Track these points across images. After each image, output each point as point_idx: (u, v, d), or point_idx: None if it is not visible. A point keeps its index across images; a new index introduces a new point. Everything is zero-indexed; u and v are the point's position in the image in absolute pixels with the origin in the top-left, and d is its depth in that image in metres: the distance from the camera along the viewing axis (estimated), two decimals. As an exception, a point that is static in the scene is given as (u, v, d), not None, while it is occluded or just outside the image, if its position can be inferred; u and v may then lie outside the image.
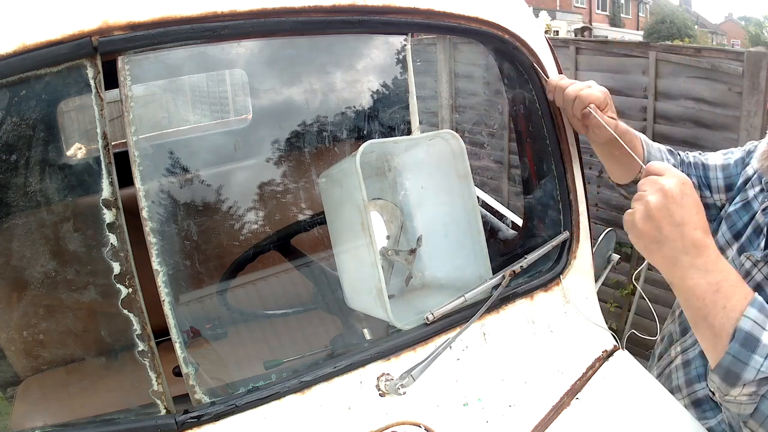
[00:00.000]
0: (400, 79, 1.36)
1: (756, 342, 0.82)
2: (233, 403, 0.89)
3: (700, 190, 1.36)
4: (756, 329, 0.82)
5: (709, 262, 0.84)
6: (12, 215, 1.18)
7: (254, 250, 1.57)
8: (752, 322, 0.82)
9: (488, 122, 5.58)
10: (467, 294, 1.07)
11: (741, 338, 0.82)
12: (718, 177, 1.33)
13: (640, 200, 0.87)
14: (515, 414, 1.00)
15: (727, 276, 0.85)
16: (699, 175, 1.35)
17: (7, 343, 1.52)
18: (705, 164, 1.34)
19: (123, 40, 0.82)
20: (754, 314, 0.83)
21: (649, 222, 0.85)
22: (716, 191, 1.35)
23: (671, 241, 0.84)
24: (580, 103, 1.11)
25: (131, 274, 0.85)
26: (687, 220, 0.84)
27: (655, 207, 0.84)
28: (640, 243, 0.89)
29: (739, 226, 1.24)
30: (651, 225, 0.85)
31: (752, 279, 1.15)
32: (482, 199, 1.91)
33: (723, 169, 1.33)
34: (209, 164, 1.88)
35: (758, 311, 0.83)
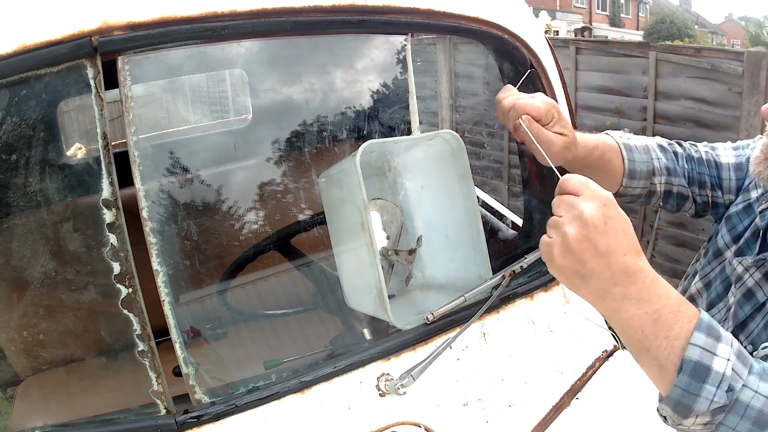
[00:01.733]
0: (400, 79, 1.36)
1: (706, 371, 0.74)
2: (233, 403, 0.89)
3: (713, 190, 1.27)
4: (705, 356, 0.74)
5: (643, 290, 0.75)
6: (12, 215, 1.18)
7: (254, 250, 1.57)
8: (700, 349, 0.74)
9: (488, 122, 5.58)
10: (467, 294, 1.07)
11: (689, 369, 0.74)
12: (732, 178, 1.24)
13: (556, 229, 0.76)
14: (515, 414, 1.00)
15: (666, 301, 0.75)
16: (712, 174, 1.26)
17: (7, 343, 1.52)
18: (718, 163, 1.25)
19: (123, 40, 0.82)
20: (701, 340, 0.74)
21: (569, 256, 0.75)
22: (728, 192, 1.26)
23: (597, 274, 0.74)
24: (514, 113, 1.00)
25: (131, 274, 0.85)
26: (613, 248, 0.74)
27: (574, 239, 0.74)
28: (562, 277, 0.78)
29: (739, 229, 1.21)
30: (572, 259, 0.75)
31: (743, 284, 1.12)
32: (482, 199, 1.91)
33: (736, 169, 1.24)
34: (209, 164, 1.88)
35: (706, 335, 0.74)
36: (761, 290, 1.09)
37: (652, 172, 1.22)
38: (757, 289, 1.10)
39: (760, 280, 1.09)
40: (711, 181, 1.26)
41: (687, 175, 1.26)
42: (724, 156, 1.26)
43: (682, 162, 1.27)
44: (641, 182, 1.21)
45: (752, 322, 1.07)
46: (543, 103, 1.01)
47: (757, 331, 1.06)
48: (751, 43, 23.67)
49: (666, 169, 1.24)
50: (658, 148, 1.25)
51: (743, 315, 1.08)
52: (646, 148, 1.22)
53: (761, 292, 1.09)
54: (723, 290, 1.19)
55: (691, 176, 1.27)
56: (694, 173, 1.27)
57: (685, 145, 1.29)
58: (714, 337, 0.75)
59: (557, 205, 0.78)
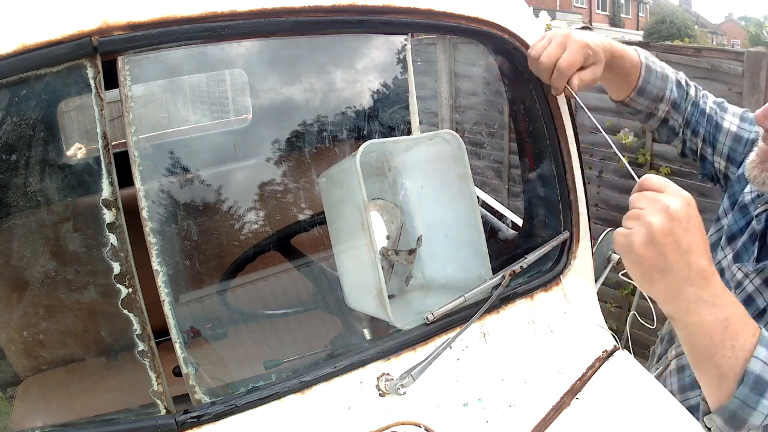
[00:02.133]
0: (400, 79, 1.36)
1: (766, 385, 0.75)
2: (233, 403, 0.89)
3: (704, 143, 1.29)
4: (766, 371, 0.75)
5: (716, 295, 0.76)
6: (12, 215, 1.18)
7: (254, 250, 1.57)
8: (762, 363, 0.75)
9: (488, 122, 5.58)
10: (467, 294, 1.07)
11: (751, 382, 0.75)
12: (726, 144, 1.26)
13: (638, 220, 0.76)
14: (515, 414, 1.00)
15: (735, 311, 0.77)
16: (708, 130, 1.28)
17: (7, 343, 1.52)
18: (719, 124, 1.27)
19: (123, 40, 0.82)
20: (764, 355, 0.75)
21: (651, 247, 0.74)
22: (718, 154, 1.28)
23: (676, 270, 0.74)
24: (559, 75, 1.04)
25: (131, 274, 0.85)
26: (693, 247, 0.74)
27: (659, 231, 0.73)
28: (639, 269, 0.77)
29: (734, 229, 1.21)
30: (654, 251, 0.74)
31: (744, 290, 1.12)
32: (482, 199, 1.91)
33: (733, 139, 1.25)
34: (209, 164, 1.88)
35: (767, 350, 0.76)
36: (761, 296, 1.09)
37: (660, 98, 1.27)
38: (757, 295, 1.10)
39: (760, 286, 1.10)
40: (705, 135, 1.29)
41: (686, 118, 1.30)
42: (728, 120, 1.27)
43: (687, 104, 1.30)
44: (646, 102, 1.27)
45: None
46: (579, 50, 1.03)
47: None
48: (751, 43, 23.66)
49: (673, 102, 1.28)
50: (676, 82, 1.29)
51: None
52: (664, 77, 1.27)
53: (761, 298, 1.09)
54: None
55: (689, 120, 1.31)
56: (693, 120, 1.30)
57: (698, 92, 1.32)
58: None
59: (638, 200, 0.77)
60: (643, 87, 1.25)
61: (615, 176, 4.56)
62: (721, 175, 1.31)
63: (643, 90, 1.26)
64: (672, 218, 0.74)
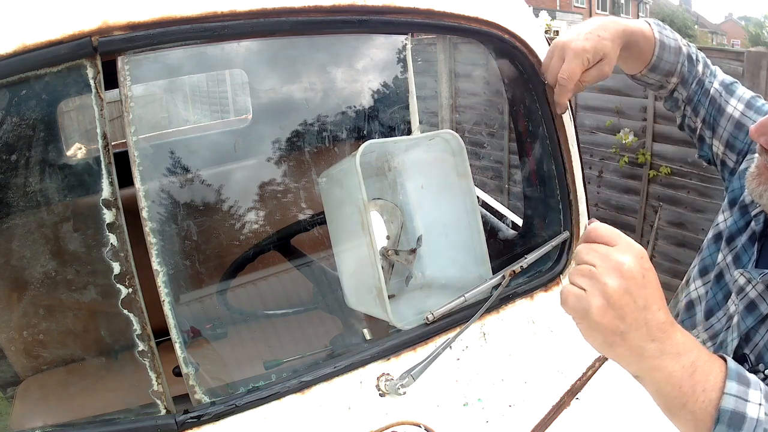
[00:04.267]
0: (400, 78, 1.36)
1: (742, 419, 0.74)
2: (233, 403, 0.89)
3: (704, 123, 1.28)
4: (739, 404, 0.74)
5: (678, 344, 0.73)
6: (12, 215, 1.18)
7: (254, 250, 1.57)
8: (734, 398, 0.74)
9: (488, 122, 5.58)
10: (467, 294, 1.07)
11: (726, 419, 0.74)
12: (726, 129, 1.24)
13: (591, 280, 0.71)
14: (515, 414, 1.00)
15: (699, 353, 0.74)
16: (710, 112, 1.27)
17: (7, 343, 1.52)
18: (721, 107, 1.25)
19: (123, 40, 0.82)
20: (735, 389, 0.74)
21: (609, 311, 0.70)
22: (718, 138, 1.26)
23: (635, 330, 0.71)
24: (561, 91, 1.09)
25: (131, 274, 0.85)
26: (651, 303, 0.71)
27: (615, 292, 0.70)
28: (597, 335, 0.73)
29: (733, 230, 1.20)
30: (612, 314, 0.70)
31: (746, 295, 1.10)
32: (482, 199, 1.91)
33: (735, 126, 1.23)
34: (209, 164, 1.88)
35: (737, 383, 0.75)
36: (764, 302, 1.07)
37: (672, 72, 1.26)
38: (760, 301, 1.08)
39: (763, 292, 1.08)
40: (705, 116, 1.27)
41: (689, 95, 1.29)
42: (731, 105, 1.25)
43: (693, 81, 1.28)
44: (658, 77, 1.26)
45: (756, 335, 1.06)
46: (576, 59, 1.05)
47: (762, 344, 1.05)
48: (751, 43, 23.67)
49: (682, 77, 1.27)
50: (687, 56, 1.27)
51: (745, 327, 1.06)
52: (677, 50, 1.25)
53: (764, 304, 1.07)
54: (722, 298, 1.17)
55: (691, 98, 1.29)
56: (696, 98, 1.29)
57: (706, 70, 1.30)
58: (744, 383, 0.75)
59: (586, 253, 0.73)
60: (656, 64, 1.24)
61: (615, 176, 4.56)
62: (718, 160, 1.29)
63: (656, 66, 1.25)
64: (626, 277, 0.71)
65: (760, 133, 0.97)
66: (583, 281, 0.73)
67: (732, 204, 1.23)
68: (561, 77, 1.07)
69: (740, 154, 1.23)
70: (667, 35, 1.24)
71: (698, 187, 3.94)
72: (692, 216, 4.07)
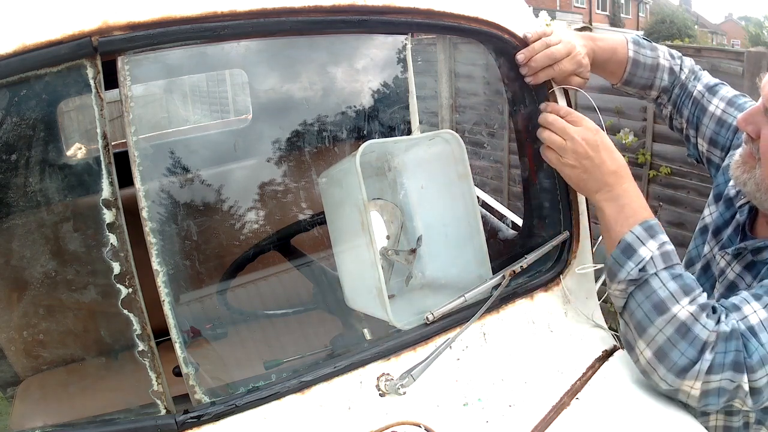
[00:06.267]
0: (400, 78, 1.36)
1: (633, 251, 1.02)
2: (233, 403, 0.89)
3: (688, 123, 1.37)
4: (636, 243, 1.02)
5: (620, 193, 1.06)
6: (12, 215, 1.18)
7: (254, 250, 1.57)
8: (635, 236, 1.03)
9: (488, 122, 5.58)
10: (467, 294, 1.07)
11: (623, 247, 1.03)
12: (709, 126, 1.32)
13: (567, 132, 1.08)
14: (515, 414, 1.00)
15: (631, 202, 1.06)
16: (693, 112, 1.35)
17: (7, 343, 1.53)
18: (704, 107, 1.33)
19: (123, 40, 0.82)
20: (638, 231, 1.03)
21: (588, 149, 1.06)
22: (701, 137, 1.35)
23: (599, 166, 1.07)
24: None
25: (131, 274, 0.85)
26: (612, 147, 1.08)
27: (591, 136, 1.07)
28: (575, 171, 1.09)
29: (719, 222, 1.25)
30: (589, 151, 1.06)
31: (725, 277, 1.17)
32: (482, 199, 1.91)
33: (717, 123, 1.31)
34: (209, 164, 1.88)
35: (643, 230, 1.03)
36: (743, 281, 1.14)
37: (649, 86, 1.37)
38: (739, 281, 1.15)
39: (741, 272, 1.15)
40: (689, 116, 1.36)
41: (674, 99, 1.38)
42: (714, 104, 1.32)
43: (676, 87, 1.37)
44: (634, 90, 1.39)
45: None
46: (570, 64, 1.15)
47: None
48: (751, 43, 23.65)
49: (663, 89, 1.38)
50: (668, 70, 1.36)
51: None
52: (654, 67, 1.35)
53: (743, 283, 1.14)
54: (710, 287, 1.22)
55: (676, 101, 1.38)
56: (680, 101, 1.37)
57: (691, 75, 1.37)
58: (650, 235, 1.03)
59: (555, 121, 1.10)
60: (629, 79, 1.35)
61: (615, 176, 4.55)
62: (704, 158, 1.37)
63: (629, 82, 1.36)
64: (596, 131, 1.08)
65: (747, 122, 1.06)
66: (564, 134, 1.08)
67: (717, 198, 1.29)
68: None
69: (723, 150, 1.30)
70: (644, 53, 1.34)
71: (698, 187, 3.94)
72: (692, 216, 4.07)
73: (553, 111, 1.11)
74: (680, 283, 0.99)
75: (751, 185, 1.08)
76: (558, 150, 1.09)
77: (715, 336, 0.95)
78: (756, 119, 1.04)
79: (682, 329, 0.96)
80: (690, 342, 0.96)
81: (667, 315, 0.97)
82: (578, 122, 1.09)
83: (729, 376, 0.95)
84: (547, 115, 1.11)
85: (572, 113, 1.10)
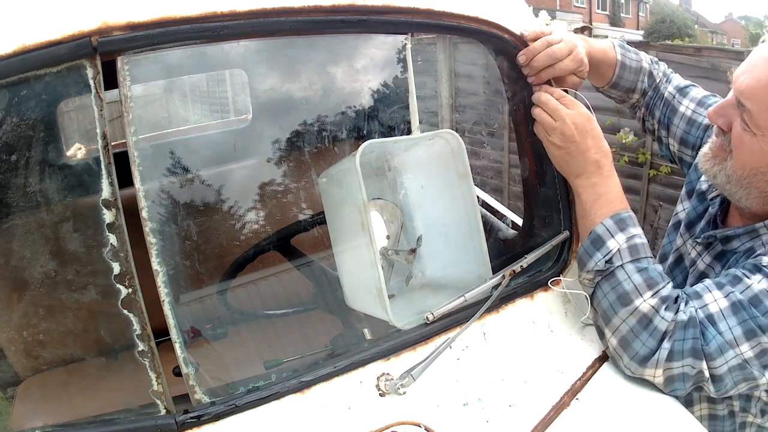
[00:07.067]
0: (400, 78, 1.36)
1: (601, 243, 1.06)
2: (233, 403, 0.89)
3: (659, 124, 1.41)
4: (605, 235, 1.06)
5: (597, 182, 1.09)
6: (12, 215, 1.18)
7: (254, 250, 1.57)
8: (605, 228, 1.06)
9: (488, 122, 5.58)
10: (467, 294, 1.07)
11: (592, 238, 1.07)
12: (679, 126, 1.36)
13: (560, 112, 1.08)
14: (515, 414, 1.00)
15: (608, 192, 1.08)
16: (664, 113, 1.40)
17: (7, 343, 1.52)
18: (675, 108, 1.38)
19: (122, 40, 0.82)
20: (609, 224, 1.06)
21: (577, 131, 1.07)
22: (672, 137, 1.39)
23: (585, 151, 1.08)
24: None
25: (131, 274, 0.85)
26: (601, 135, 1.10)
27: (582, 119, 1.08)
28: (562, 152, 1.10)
29: (692, 216, 1.28)
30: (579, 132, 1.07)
31: (696, 268, 1.21)
32: (482, 199, 1.91)
33: (687, 123, 1.35)
34: (209, 164, 1.88)
35: (614, 223, 1.06)
36: (713, 271, 1.16)
37: (632, 89, 1.42)
38: (709, 271, 1.17)
39: (711, 262, 1.17)
40: (661, 117, 1.41)
41: (647, 101, 1.43)
42: (684, 105, 1.37)
43: (650, 89, 1.42)
44: (619, 93, 1.43)
45: None
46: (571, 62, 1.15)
47: None
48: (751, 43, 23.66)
49: (643, 92, 1.42)
50: (648, 73, 1.41)
51: None
52: (638, 70, 1.40)
53: (713, 273, 1.16)
54: (682, 280, 1.26)
55: (648, 103, 1.43)
56: (652, 102, 1.42)
57: (663, 77, 1.43)
58: (620, 228, 1.06)
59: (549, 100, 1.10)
60: (616, 83, 1.39)
61: (615, 176, 4.55)
62: (677, 158, 1.42)
63: (617, 84, 1.40)
64: (588, 117, 1.09)
65: (718, 114, 1.09)
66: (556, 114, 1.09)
67: (690, 194, 1.32)
68: None
69: (695, 149, 1.33)
70: (630, 57, 1.38)
71: (698, 187, 3.94)
72: (692, 216, 4.07)
73: (548, 92, 1.12)
74: (644, 276, 1.03)
75: (722, 177, 1.10)
76: (547, 129, 1.10)
77: (673, 325, 1.00)
78: (727, 111, 1.07)
79: (644, 321, 1.01)
80: (650, 333, 1.00)
81: (630, 307, 1.02)
82: (571, 106, 1.09)
83: (690, 362, 0.99)
84: (541, 94, 1.12)
85: (566, 96, 1.11)
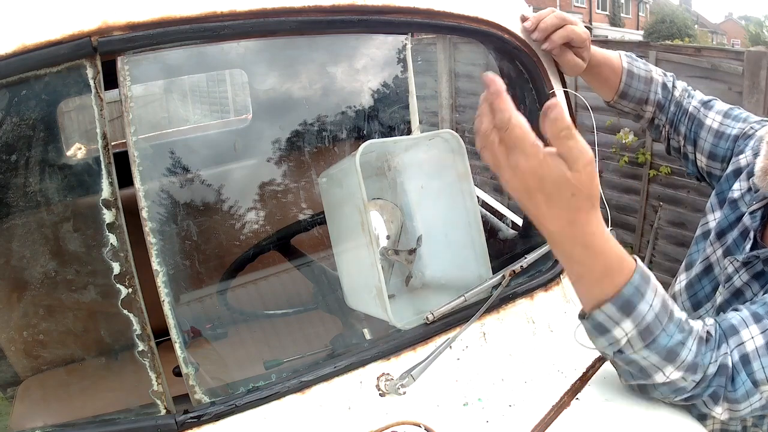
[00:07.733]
0: (400, 78, 1.36)
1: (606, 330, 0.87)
2: (233, 403, 0.89)
3: (686, 140, 1.34)
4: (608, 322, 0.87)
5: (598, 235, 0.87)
6: (12, 215, 1.18)
7: (254, 250, 1.57)
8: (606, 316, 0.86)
9: (488, 122, 5.56)
10: (467, 294, 1.07)
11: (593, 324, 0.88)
12: (707, 140, 1.30)
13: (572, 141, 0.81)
14: (515, 414, 0.99)
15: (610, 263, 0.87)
16: (689, 128, 1.33)
17: (7, 343, 1.52)
18: (701, 121, 1.31)
19: (122, 40, 0.82)
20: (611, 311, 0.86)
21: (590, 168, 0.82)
22: (700, 151, 1.32)
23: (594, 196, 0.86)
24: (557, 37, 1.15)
25: (131, 274, 0.85)
26: None
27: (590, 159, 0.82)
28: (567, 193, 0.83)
29: (723, 225, 1.22)
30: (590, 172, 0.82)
31: (732, 284, 1.14)
32: (482, 199, 1.91)
33: (715, 135, 1.29)
34: (209, 164, 1.88)
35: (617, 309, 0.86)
36: (750, 289, 1.12)
37: (645, 101, 1.34)
38: (746, 289, 1.12)
39: (749, 281, 1.12)
40: (686, 132, 1.34)
41: (670, 117, 1.36)
42: (710, 118, 1.31)
43: (671, 104, 1.35)
44: (631, 104, 1.35)
45: None
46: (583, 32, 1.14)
47: None
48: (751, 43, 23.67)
49: (658, 104, 1.35)
50: (662, 85, 1.35)
51: None
52: (648, 80, 1.33)
53: (750, 292, 1.11)
54: (711, 290, 1.21)
55: (672, 120, 1.36)
56: (676, 119, 1.35)
57: (684, 93, 1.36)
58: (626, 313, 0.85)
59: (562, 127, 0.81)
60: (625, 92, 1.32)
61: (615, 176, 4.56)
62: (705, 173, 1.35)
63: (626, 94, 1.33)
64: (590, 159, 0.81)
65: None
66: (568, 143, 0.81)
67: (721, 203, 1.26)
68: None
69: (724, 161, 1.28)
70: (638, 66, 1.33)
71: (698, 187, 3.94)
72: (692, 216, 4.07)
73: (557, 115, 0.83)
74: (663, 354, 0.89)
75: None
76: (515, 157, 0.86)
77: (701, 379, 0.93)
78: None
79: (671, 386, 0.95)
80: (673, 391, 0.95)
81: (650, 379, 0.94)
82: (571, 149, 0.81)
83: (708, 405, 0.95)
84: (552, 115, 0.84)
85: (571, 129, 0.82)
